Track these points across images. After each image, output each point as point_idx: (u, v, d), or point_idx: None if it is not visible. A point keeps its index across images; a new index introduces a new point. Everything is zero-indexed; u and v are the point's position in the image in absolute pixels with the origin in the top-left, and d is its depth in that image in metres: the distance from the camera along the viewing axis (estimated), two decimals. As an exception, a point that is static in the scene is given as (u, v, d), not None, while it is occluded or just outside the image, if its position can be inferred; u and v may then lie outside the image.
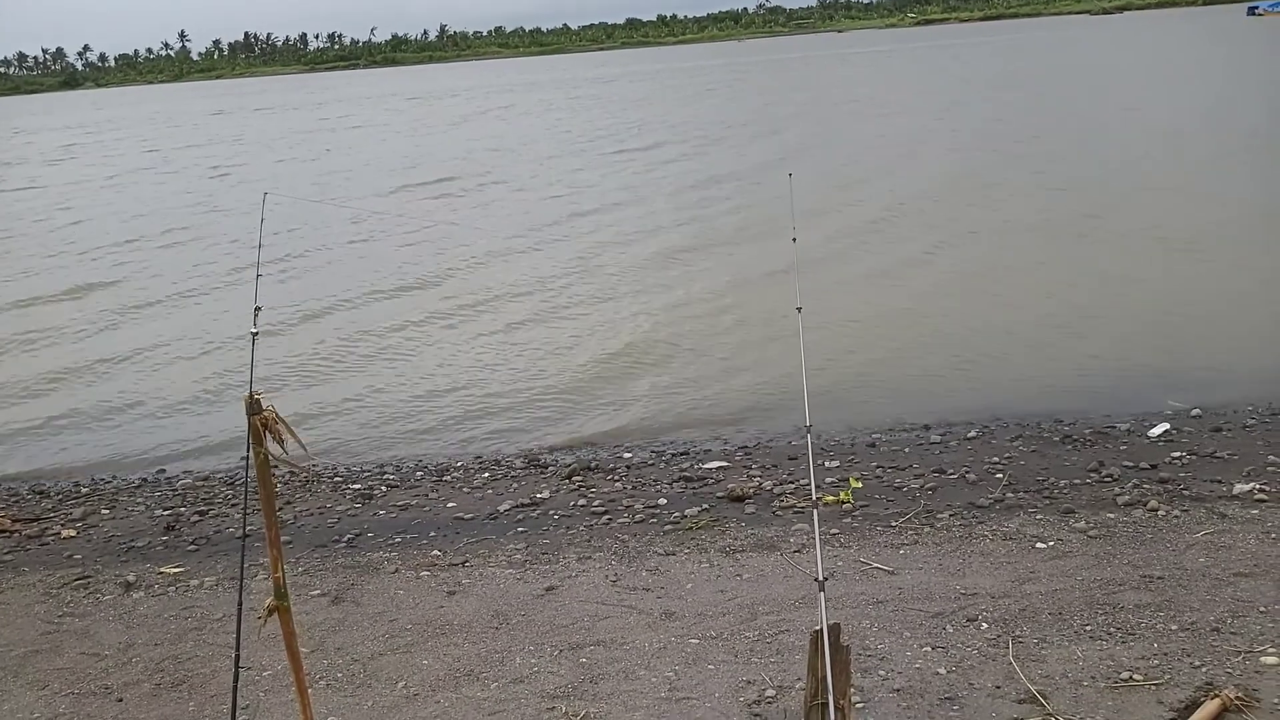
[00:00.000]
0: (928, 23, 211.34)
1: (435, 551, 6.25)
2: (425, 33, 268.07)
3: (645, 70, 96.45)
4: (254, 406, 2.73)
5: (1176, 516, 5.87)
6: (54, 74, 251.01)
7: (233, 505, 7.58)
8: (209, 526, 7.15)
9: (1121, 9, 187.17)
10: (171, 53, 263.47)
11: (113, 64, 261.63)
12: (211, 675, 4.83)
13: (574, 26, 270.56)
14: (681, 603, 5.21)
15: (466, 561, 6.01)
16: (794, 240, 3.98)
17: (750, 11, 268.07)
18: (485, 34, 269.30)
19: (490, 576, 5.75)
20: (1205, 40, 66.43)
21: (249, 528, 6.85)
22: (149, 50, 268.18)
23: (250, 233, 17.45)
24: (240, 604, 3.16)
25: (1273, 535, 5.48)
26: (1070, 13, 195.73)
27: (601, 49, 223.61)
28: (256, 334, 3.08)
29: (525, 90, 73.70)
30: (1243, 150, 21.40)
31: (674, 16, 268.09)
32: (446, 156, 31.23)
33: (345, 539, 6.66)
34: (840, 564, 5.52)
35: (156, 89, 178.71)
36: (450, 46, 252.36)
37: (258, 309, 3.10)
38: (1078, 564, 5.30)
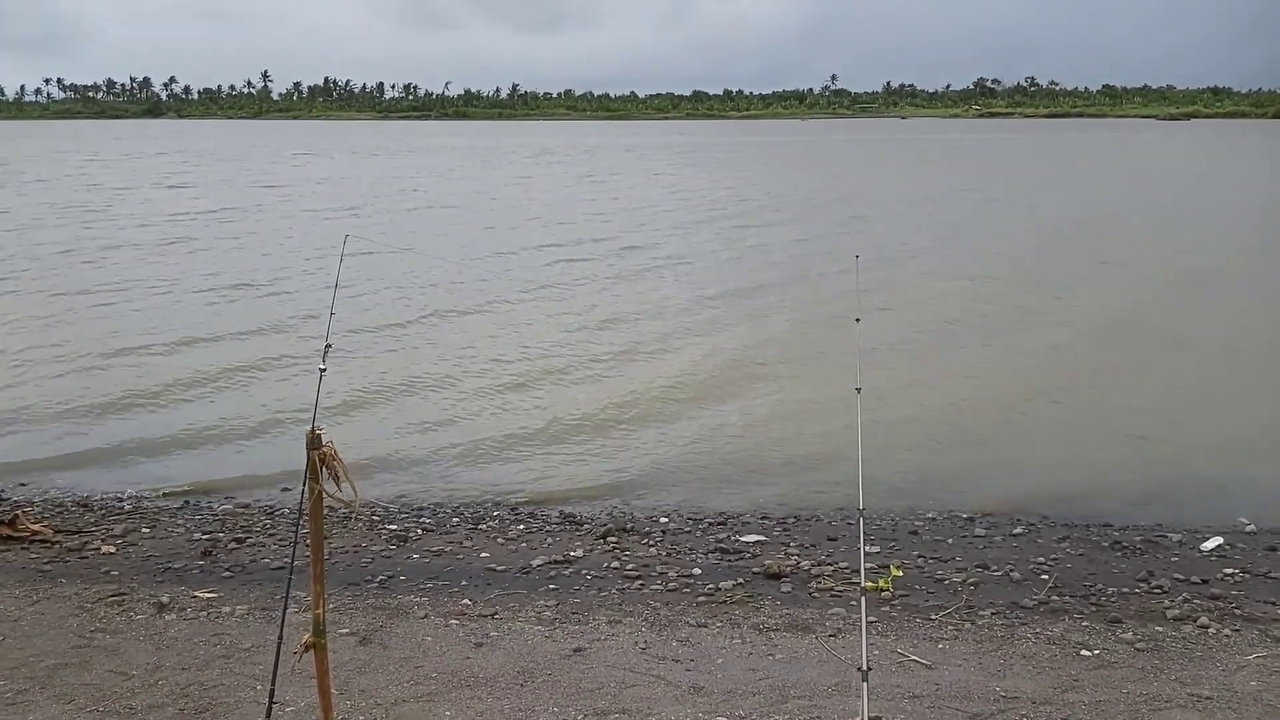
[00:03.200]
0: (991, 115, 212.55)
1: (466, 600, 6.21)
2: (497, 90, 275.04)
3: (724, 142, 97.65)
4: (314, 441, 2.76)
5: (1228, 636, 5.67)
6: (139, 102, 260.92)
7: (270, 535, 7.62)
8: (245, 555, 7.18)
9: (1189, 116, 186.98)
10: (254, 91, 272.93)
11: (196, 97, 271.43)
12: (235, 705, 4.81)
13: (641, 94, 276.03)
14: (711, 678, 5.11)
15: (496, 614, 5.97)
16: (857, 321, 3.97)
17: (815, 92, 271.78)
18: (555, 95, 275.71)
19: (519, 631, 5.70)
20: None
21: (285, 560, 6.89)
22: (231, 87, 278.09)
23: (358, 278, 17.69)
24: (280, 637, 3.16)
25: (1331, 665, 5.26)
26: (1137, 116, 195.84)
27: (667, 118, 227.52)
28: (324, 370, 3.12)
29: (621, 153, 74.58)
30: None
31: (739, 91, 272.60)
32: (572, 218, 30.92)
33: (378, 580, 6.65)
34: (877, 653, 5.39)
35: (239, 124, 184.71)
36: (520, 105, 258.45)
37: (328, 346, 3.15)
38: (1123, 676, 5.12)
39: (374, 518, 8.13)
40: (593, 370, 12.89)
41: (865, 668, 2.74)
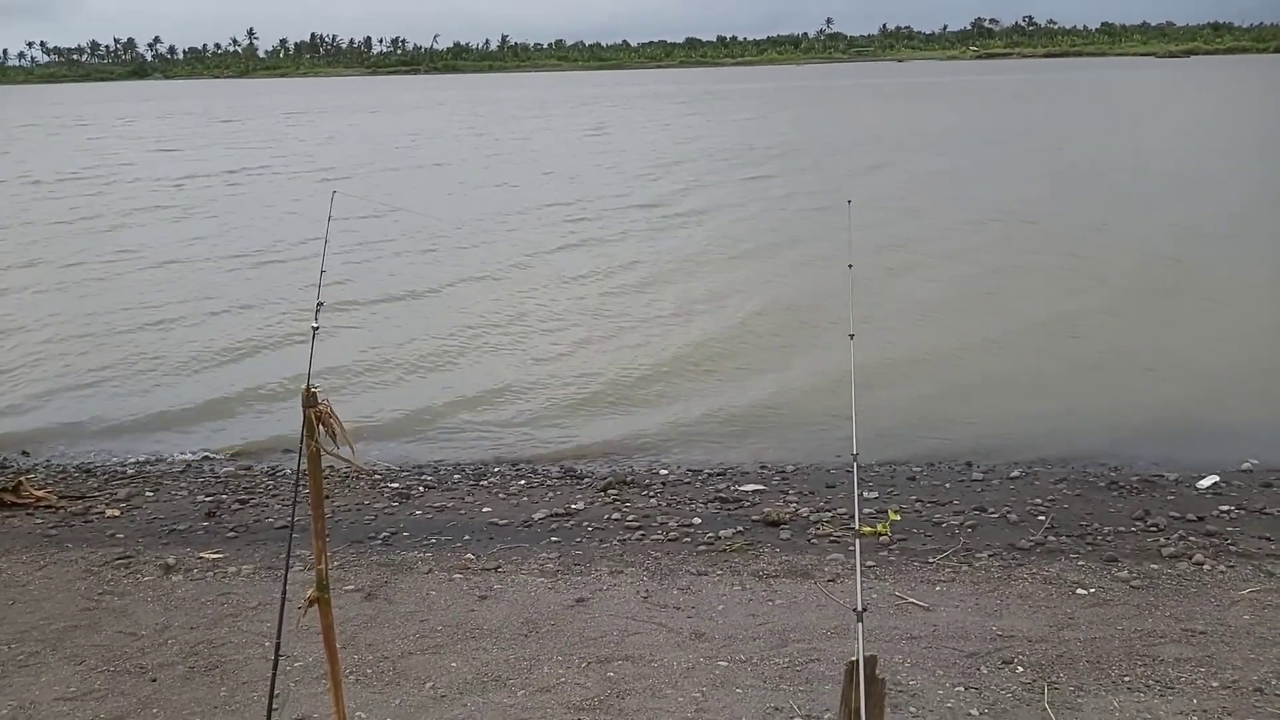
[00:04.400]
0: (989, 56, 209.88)
1: (469, 555, 6.28)
2: (487, 42, 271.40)
3: (745, 89, 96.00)
4: (310, 399, 2.77)
5: (1222, 572, 5.73)
6: (124, 63, 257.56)
7: (273, 495, 7.68)
8: (249, 515, 7.24)
9: (1189, 53, 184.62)
10: (239, 49, 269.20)
11: (181, 57, 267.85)
12: (245, 662, 4.89)
13: (633, 43, 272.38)
14: (712, 624, 5.18)
15: (499, 567, 6.04)
16: (850, 267, 3.96)
17: (810, 36, 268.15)
18: (545, 46, 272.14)
19: (522, 584, 5.77)
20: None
21: (289, 519, 6.96)
22: (217, 45, 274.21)
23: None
24: (284, 592, 3.21)
25: (1323, 598, 5.33)
26: (1136, 54, 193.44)
27: (660, 66, 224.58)
28: (317, 328, 3.13)
29: (635, 103, 73.42)
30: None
31: (734, 38, 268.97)
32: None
33: (381, 537, 6.71)
34: (875, 597, 5.46)
35: (227, 84, 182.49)
36: (510, 57, 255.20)
37: (320, 305, 3.15)
38: (1118, 613, 5.19)
39: (375, 475, 8.19)
40: (589, 326, 12.90)
41: (861, 608, 2.77)
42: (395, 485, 7.94)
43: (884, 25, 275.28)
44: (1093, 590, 5.50)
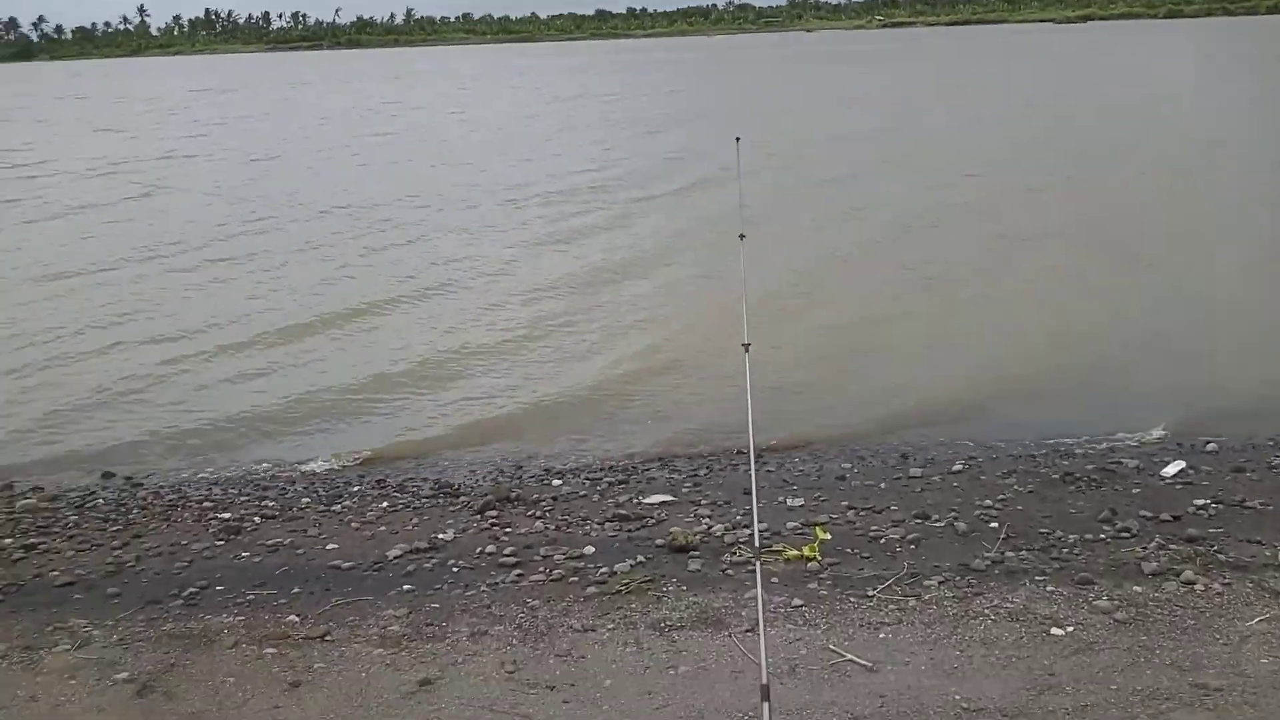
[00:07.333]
0: (895, 25, 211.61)
1: (292, 616, 4.92)
2: (392, 16, 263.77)
3: (662, 59, 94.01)
4: None
5: (1219, 593, 4.72)
6: (7, 44, 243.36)
7: (71, 538, 6.18)
8: (29, 568, 5.76)
9: (1085, 18, 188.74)
10: (130, 27, 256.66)
11: (69, 36, 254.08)
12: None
13: (543, 15, 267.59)
14: (594, 711, 3.95)
15: (328, 633, 4.70)
16: (741, 238, 2.76)
17: (720, 8, 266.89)
18: (453, 20, 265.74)
19: (353, 658, 4.45)
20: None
21: (80, 573, 5.55)
22: (107, 24, 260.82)
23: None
24: None
25: (1346, 624, 4.35)
26: (1036, 20, 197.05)
27: (570, 39, 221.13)
28: None
29: (560, 75, 71.13)
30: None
31: (643, 10, 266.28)
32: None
33: (187, 593, 5.29)
34: (804, 653, 4.30)
35: (122, 63, 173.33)
36: (416, 31, 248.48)
37: None
38: (1107, 662, 4.12)
39: (205, 503, 6.75)
40: (478, 310, 11.53)
41: (765, 682, 1.59)
42: (227, 515, 6.51)
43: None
44: (1070, 629, 4.42)
